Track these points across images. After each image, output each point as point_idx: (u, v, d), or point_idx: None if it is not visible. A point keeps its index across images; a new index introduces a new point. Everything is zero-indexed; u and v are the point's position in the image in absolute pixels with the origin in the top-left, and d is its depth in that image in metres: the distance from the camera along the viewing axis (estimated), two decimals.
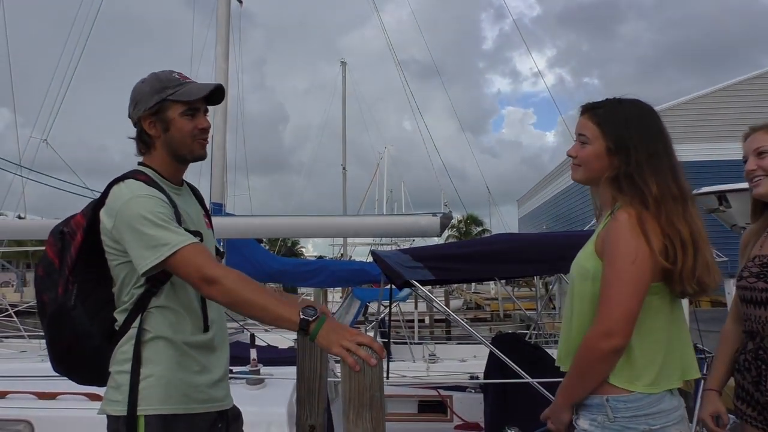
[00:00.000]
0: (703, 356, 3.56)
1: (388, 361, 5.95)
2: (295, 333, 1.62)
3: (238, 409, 2.01)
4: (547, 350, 4.73)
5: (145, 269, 1.66)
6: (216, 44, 7.76)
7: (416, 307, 14.46)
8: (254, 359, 3.76)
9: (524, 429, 3.39)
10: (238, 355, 4.24)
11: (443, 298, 20.75)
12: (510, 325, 13.63)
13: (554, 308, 12.00)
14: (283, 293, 2.42)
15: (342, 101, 24.62)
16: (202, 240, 1.78)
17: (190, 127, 1.84)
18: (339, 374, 1.77)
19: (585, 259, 1.74)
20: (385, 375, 4.91)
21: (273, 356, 5.11)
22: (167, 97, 1.81)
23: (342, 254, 24.63)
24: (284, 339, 6.79)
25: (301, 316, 1.56)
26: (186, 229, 1.74)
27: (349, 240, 22.69)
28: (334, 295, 16.60)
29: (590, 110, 1.80)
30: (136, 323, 1.75)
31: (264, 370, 3.77)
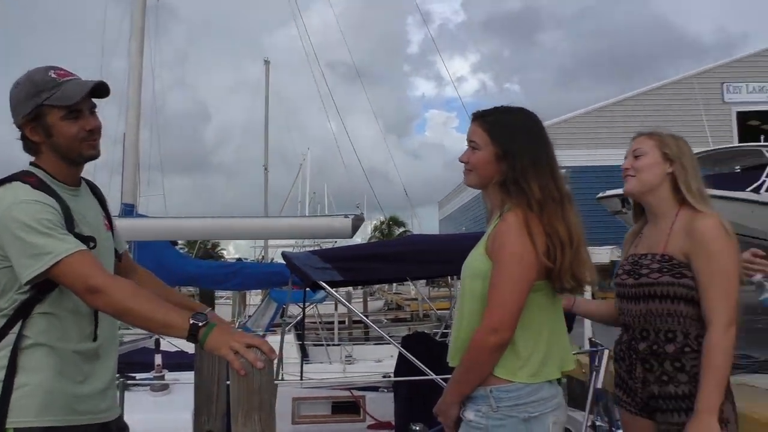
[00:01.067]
0: (596, 349, 3.79)
1: (302, 363, 5.96)
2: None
3: (125, 423, 1.93)
4: None
5: (27, 279, 1.60)
6: (130, 38, 7.50)
7: (336, 309, 14.48)
8: (159, 365, 3.68)
9: (429, 425, 3.49)
10: (143, 361, 4.13)
11: (362, 299, 20.85)
12: (428, 324, 13.86)
13: None
14: (186, 299, 2.35)
15: (265, 101, 24.25)
16: (95, 245, 1.73)
17: (74, 131, 1.74)
18: None
19: (476, 259, 1.84)
20: (299, 377, 4.92)
21: (181, 361, 5.00)
22: (43, 102, 1.70)
23: (263, 256, 24.27)
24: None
25: (191, 322, 1.55)
26: (79, 234, 1.68)
27: (271, 242, 22.39)
28: (254, 298, 16.34)
29: (480, 118, 1.91)
30: (15, 329, 1.66)
31: (171, 375, 3.70)
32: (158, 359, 3.71)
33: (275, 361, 1.63)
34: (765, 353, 6.02)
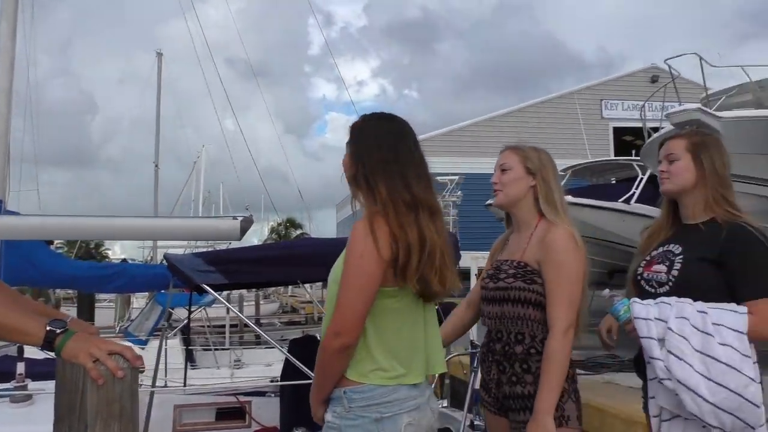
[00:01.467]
0: (475, 351, 3.95)
1: (186, 369, 5.76)
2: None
3: None
4: None
5: None
6: (0, 19, 6.93)
7: (228, 312, 14.09)
8: (21, 374, 3.42)
9: (313, 429, 3.48)
10: (4, 370, 3.83)
11: (254, 302, 20.44)
12: (321, 327, 13.90)
13: None
14: (43, 307, 2.19)
15: (157, 95, 23.22)
16: None
17: None
18: None
19: (338, 264, 1.86)
20: (182, 383, 4.73)
21: (48, 369, 4.68)
22: None
23: (152, 257, 23.23)
24: None
25: (47, 329, 1.46)
26: None
27: (162, 243, 21.50)
28: (139, 301, 15.59)
29: (354, 123, 1.95)
30: None
31: (34, 385, 3.45)
32: (20, 368, 3.44)
33: (159, 367, 1.56)
34: (629, 354, 6.48)
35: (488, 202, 10.89)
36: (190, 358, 8.71)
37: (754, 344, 1.89)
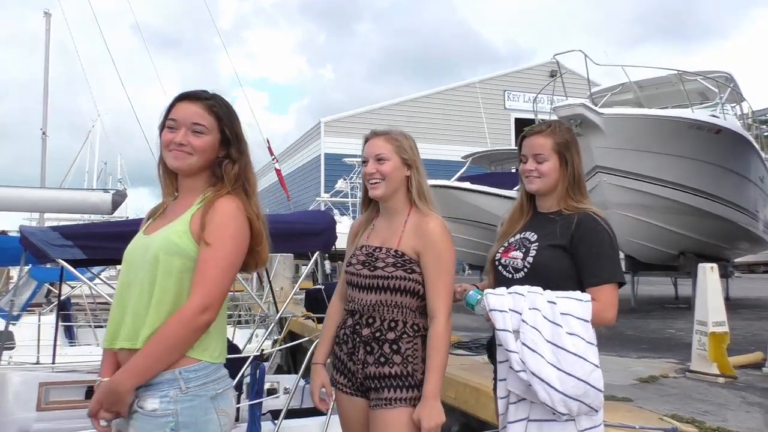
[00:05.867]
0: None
1: (55, 346, 5.49)
2: None
3: None
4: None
5: None
6: None
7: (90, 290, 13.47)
8: None
9: None
10: None
11: None
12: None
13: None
14: None
15: (45, 58, 21.63)
16: None
17: None
18: None
19: (178, 236, 1.77)
20: (51, 360, 4.48)
21: None
22: None
23: None
24: None
25: None
26: None
27: (48, 215, 20.23)
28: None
29: (203, 100, 1.88)
30: None
31: None
32: None
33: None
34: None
35: (333, 192, 11.00)
36: (69, 335, 8.31)
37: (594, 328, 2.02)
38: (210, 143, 1.84)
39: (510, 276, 2.17)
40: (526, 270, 2.13)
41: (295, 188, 29.27)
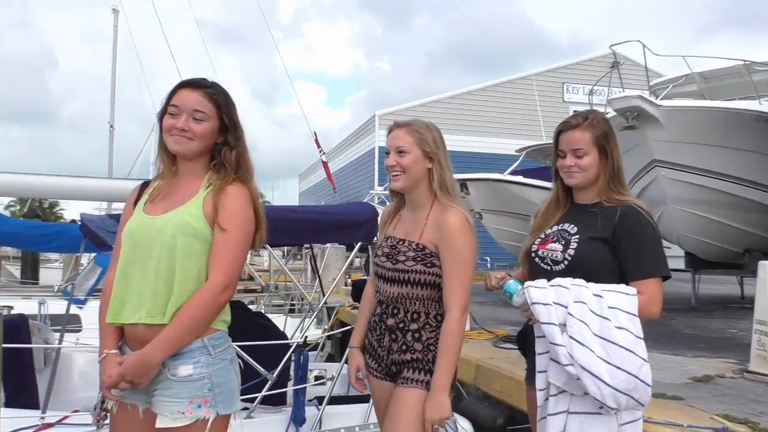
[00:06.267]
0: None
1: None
2: None
3: None
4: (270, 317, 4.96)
5: None
6: None
7: None
8: None
9: None
10: None
11: None
12: (276, 294, 13.84)
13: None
14: None
15: (112, 53, 22.52)
16: None
17: None
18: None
19: (194, 219, 1.89)
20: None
21: None
22: None
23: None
24: None
25: None
26: None
27: (116, 205, 21.13)
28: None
29: (203, 88, 1.99)
30: None
31: None
32: None
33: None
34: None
35: (386, 186, 10.98)
36: None
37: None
38: (210, 129, 1.96)
39: (548, 268, 2.15)
40: (566, 262, 2.11)
41: (349, 181, 29.53)
